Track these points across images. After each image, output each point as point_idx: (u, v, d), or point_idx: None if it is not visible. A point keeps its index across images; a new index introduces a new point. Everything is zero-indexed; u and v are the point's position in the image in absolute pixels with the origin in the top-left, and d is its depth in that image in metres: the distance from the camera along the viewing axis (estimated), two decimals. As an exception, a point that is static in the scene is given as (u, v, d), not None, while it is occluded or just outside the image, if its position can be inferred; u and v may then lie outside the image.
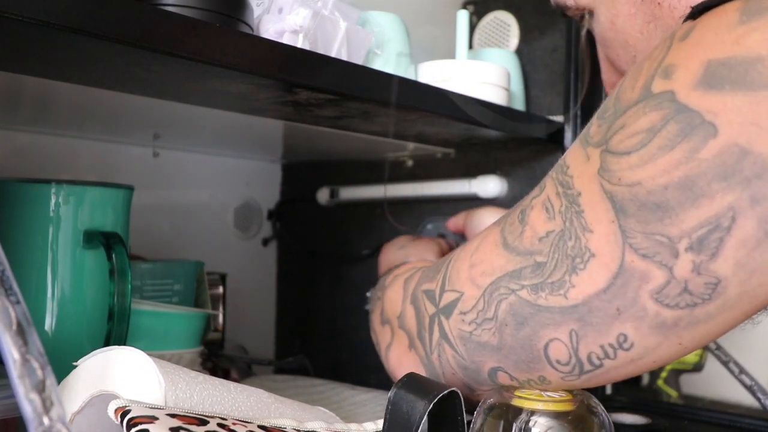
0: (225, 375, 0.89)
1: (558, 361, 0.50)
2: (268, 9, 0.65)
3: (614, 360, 0.48)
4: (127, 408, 0.42)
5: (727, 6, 0.41)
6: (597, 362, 0.49)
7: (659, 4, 0.54)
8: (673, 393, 0.99)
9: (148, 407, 0.43)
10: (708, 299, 0.43)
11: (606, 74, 0.66)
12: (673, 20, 0.54)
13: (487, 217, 0.81)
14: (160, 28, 0.49)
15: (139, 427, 0.40)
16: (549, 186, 0.51)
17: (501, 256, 0.52)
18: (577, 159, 0.48)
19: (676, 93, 0.41)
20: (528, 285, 0.50)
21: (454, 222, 0.87)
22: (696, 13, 0.43)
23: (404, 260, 0.79)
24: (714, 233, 0.40)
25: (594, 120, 0.48)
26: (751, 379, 0.84)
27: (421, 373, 0.60)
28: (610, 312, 0.46)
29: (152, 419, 0.41)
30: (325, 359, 1.08)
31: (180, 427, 0.41)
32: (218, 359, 0.90)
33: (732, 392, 0.94)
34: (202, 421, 0.43)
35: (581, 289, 0.47)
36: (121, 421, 0.41)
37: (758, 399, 0.83)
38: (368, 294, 0.86)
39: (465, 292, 0.55)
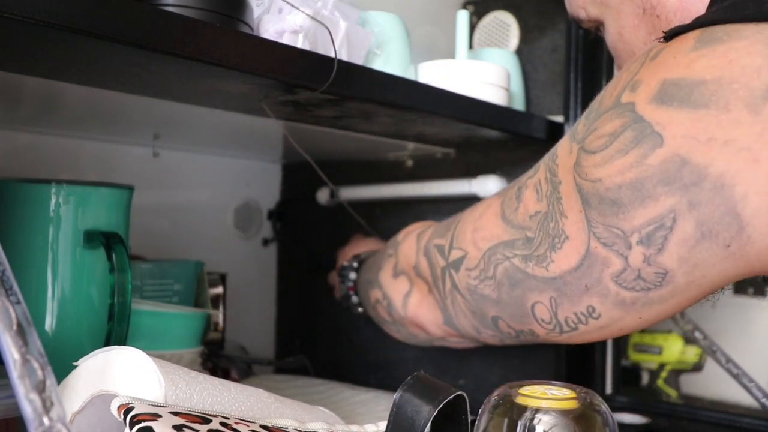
0: (225, 375, 0.89)
1: (542, 320, 0.58)
2: (268, 9, 0.65)
3: (586, 325, 0.55)
4: (130, 405, 0.42)
5: (689, 33, 0.46)
6: (573, 325, 0.56)
7: (658, 17, 0.58)
8: (673, 393, 0.99)
9: (152, 405, 0.43)
10: (659, 286, 0.48)
11: None
12: None
13: None
14: (160, 28, 0.49)
15: (143, 424, 0.40)
16: (541, 170, 0.56)
17: (499, 226, 0.60)
18: (564, 150, 0.53)
19: (636, 105, 0.46)
20: (519, 255, 0.57)
21: None
22: (669, 37, 0.48)
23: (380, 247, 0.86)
24: (659, 231, 0.46)
25: (582, 118, 0.53)
26: (751, 379, 0.84)
27: (437, 316, 0.68)
28: (580, 287, 0.53)
29: (155, 417, 0.41)
30: (325, 359, 1.08)
31: (183, 425, 0.41)
32: (218, 359, 0.90)
33: (732, 392, 0.94)
34: (204, 420, 0.43)
35: (558, 265, 0.54)
36: (124, 418, 0.41)
37: (757, 399, 0.84)
38: (345, 264, 0.86)
39: (469, 252, 0.62)
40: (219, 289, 0.91)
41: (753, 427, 0.83)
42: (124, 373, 0.47)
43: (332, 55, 0.67)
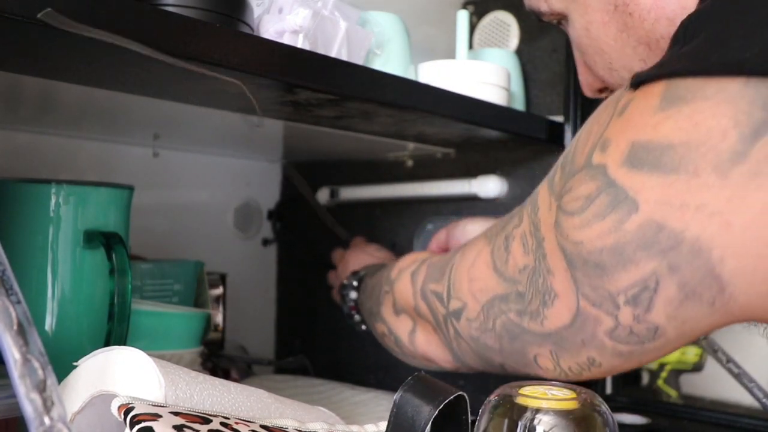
0: (225, 375, 0.89)
1: (546, 368, 0.58)
2: (268, 9, 0.65)
3: (589, 372, 0.56)
4: (130, 405, 0.42)
5: (654, 87, 0.45)
6: (577, 372, 0.57)
7: (630, 14, 0.57)
8: (673, 393, 0.99)
9: (152, 405, 0.43)
10: (652, 339, 0.48)
11: (582, 76, 0.69)
12: (643, 30, 0.57)
13: (470, 229, 0.84)
14: (160, 28, 0.49)
15: (143, 424, 0.40)
16: (525, 221, 0.56)
17: (492, 278, 0.59)
18: (544, 203, 0.53)
19: (608, 167, 0.46)
20: (514, 309, 0.57)
21: (437, 241, 0.89)
22: (635, 84, 0.47)
23: (379, 260, 0.87)
24: (644, 293, 0.46)
25: (558, 166, 0.52)
26: (751, 379, 0.84)
27: (446, 354, 0.68)
28: (577, 342, 0.53)
29: (156, 417, 0.41)
30: (325, 359, 1.08)
31: (183, 425, 0.41)
32: (218, 359, 0.90)
33: (732, 392, 0.94)
34: (205, 420, 0.43)
35: (552, 322, 0.53)
36: (125, 418, 0.41)
37: (758, 399, 0.84)
38: (345, 282, 0.86)
39: (468, 303, 0.61)
40: (219, 289, 0.91)
41: (753, 427, 0.83)
42: (124, 373, 0.47)
43: (332, 55, 0.67)
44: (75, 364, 0.49)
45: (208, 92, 0.63)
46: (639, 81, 0.46)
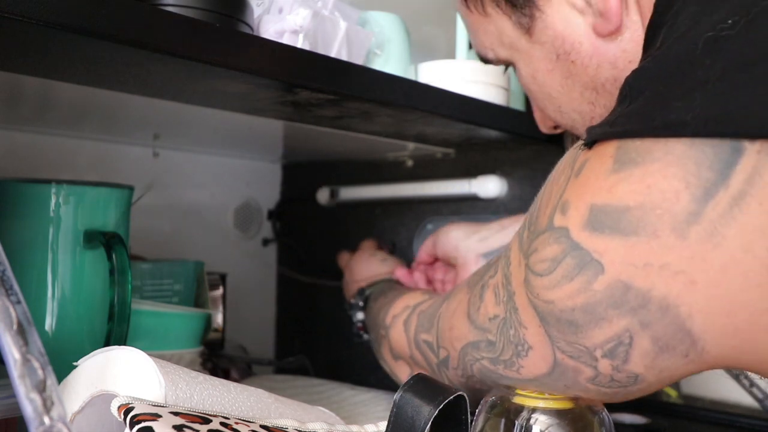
0: (225, 375, 0.89)
1: None
2: (268, 9, 0.65)
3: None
4: (130, 405, 0.42)
5: (607, 148, 0.46)
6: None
7: (573, 62, 0.59)
8: (673, 393, 0.99)
9: (152, 405, 0.43)
10: (633, 383, 0.49)
11: (536, 114, 0.71)
12: (587, 76, 0.59)
13: (454, 235, 0.85)
14: (160, 28, 0.49)
15: (143, 424, 0.40)
16: (499, 272, 0.56)
17: (465, 325, 0.60)
18: (515, 259, 0.53)
19: (570, 231, 0.47)
20: (486, 357, 0.57)
21: (426, 251, 0.90)
22: (589, 143, 0.48)
23: (388, 275, 0.88)
24: (620, 347, 0.46)
25: (525, 224, 0.53)
26: (751, 380, 0.84)
27: None
28: (559, 387, 0.53)
29: (156, 417, 0.41)
30: (325, 359, 1.08)
31: (183, 425, 0.41)
32: (218, 359, 0.90)
33: (732, 392, 0.94)
34: (205, 420, 0.43)
35: (529, 370, 0.53)
36: (125, 418, 0.41)
37: (757, 399, 0.84)
38: (352, 301, 0.86)
39: (450, 353, 0.63)
40: (219, 289, 0.91)
41: (753, 427, 0.83)
42: (124, 373, 0.47)
43: (332, 55, 0.67)
44: (75, 364, 0.49)
45: (208, 92, 0.63)
46: (593, 140, 0.47)
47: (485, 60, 0.67)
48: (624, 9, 0.55)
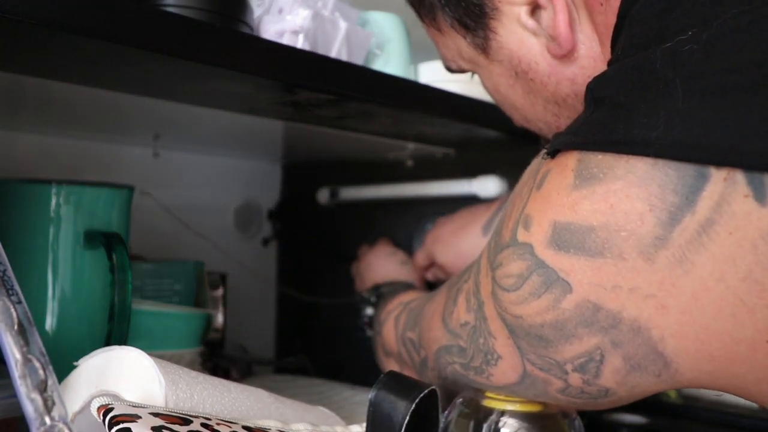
0: (225, 375, 0.89)
1: None
2: (268, 9, 0.65)
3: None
4: (110, 406, 0.42)
5: (568, 160, 0.45)
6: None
7: (532, 80, 0.57)
8: (673, 393, 0.99)
9: (131, 405, 0.43)
10: (604, 396, 0.49)
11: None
12: (548, 92, 0.57)
13: (442, 233, 0.86)
14: (160, 29, 0.49)
15: (121, 425, 0.40)
16: (471, 279, 0.55)
17: (440, 329, 0.59)
18: (484, 267, 0.53)
19: (535, 248, 0.46)
20: (458, 362, 0.57)
21: (422, 257, 0.90)
22: (552, 152, 0.47)
23: (403, 275, 0.88)
24: (590, 363, 0.46)
25: (494, 234, 0.52)
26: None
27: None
28: (529, 395, 0.53)
29: (135, 418, 0.41)
30: (325, 359, 1.08)
31: (162, 426, 0.41)
32: (218, 359, 0.90)
33: (732, 392, 0.94)
34: (185, 421, 0.43)
35: (499, 379, 0.53)
36: (104, 419, 0.41)
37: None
38: (364, 294, 0.86)
39: (427, 353, 0.62)
40: (219, 290, 0.91)
41: (753, 427, 0.83)
42: (125, 373, 0.47)
43: (332, 55, 0.67)
44: (75, 364, 0.50)
45: (208, 92, 0.63)
46: (555, 149, 0.46)
47: (450, 70, 0.66)
48: (578, 26, 0.53)
